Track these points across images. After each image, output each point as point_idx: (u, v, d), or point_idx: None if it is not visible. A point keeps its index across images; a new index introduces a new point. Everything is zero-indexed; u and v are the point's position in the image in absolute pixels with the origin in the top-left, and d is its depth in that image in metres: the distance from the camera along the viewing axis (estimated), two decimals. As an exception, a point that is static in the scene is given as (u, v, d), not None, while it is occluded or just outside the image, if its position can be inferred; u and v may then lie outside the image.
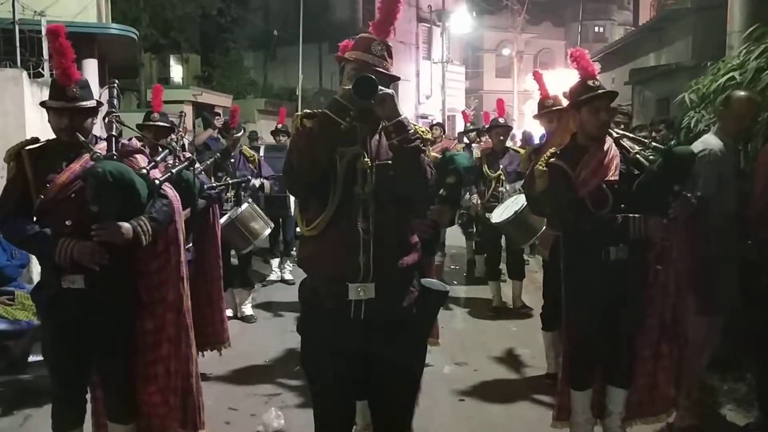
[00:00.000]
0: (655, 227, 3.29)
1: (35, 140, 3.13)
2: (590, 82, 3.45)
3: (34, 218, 3.03)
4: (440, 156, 3.36)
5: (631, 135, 3.64)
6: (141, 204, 2.97)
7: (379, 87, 2.31)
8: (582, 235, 3.53)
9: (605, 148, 3.44)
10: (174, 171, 3.44)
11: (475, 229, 8.68)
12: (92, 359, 3.14)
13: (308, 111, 2.53)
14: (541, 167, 3.62)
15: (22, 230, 3.00)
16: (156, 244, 3.20)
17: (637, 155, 3.45)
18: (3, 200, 3.08)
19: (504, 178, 6.89)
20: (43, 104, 3.08)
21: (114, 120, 3.17)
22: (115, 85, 3.50)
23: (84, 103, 3.02)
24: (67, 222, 2.94)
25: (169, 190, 3.23)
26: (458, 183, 3.35)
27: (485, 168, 7.01)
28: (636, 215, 3.31)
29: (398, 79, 2.58)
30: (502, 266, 7.25)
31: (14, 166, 3.04)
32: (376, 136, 2.54)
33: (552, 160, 3.55)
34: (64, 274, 2.96)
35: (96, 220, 2.87)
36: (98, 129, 3.42)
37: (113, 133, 3.10)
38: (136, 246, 2.99)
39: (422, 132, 2.59)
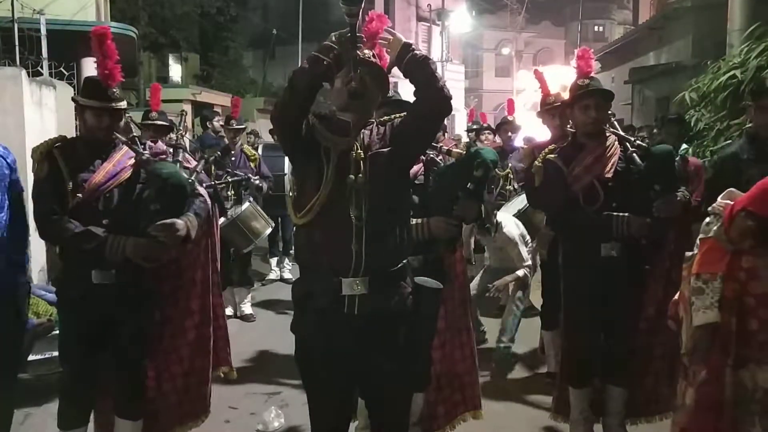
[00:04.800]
0: (636, 227, 3.33)
1: (62, 138, 3.19)
2: (581, 81, 3.51)
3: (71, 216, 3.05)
4: (464, 151, 3.36)
5: (621, 133, 3.64)
6: (185, 202, 3.17)
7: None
8: (575, 231, 3.56)
9: (606, 145, 3.46)
10: (198, 169, 3.67)
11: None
12: (108, 355, 3.19)
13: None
14: (538, 163, 3.65)
15: (67, 228, 2.97)
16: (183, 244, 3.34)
17: (633, 154, 3.47)
18: (41, 200, 3.06)
19: (512, 177, 6.84)
20: (77, 102, 3.12)
21: (130, 121, 3.32)
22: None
23: (122, 104, 3.13)
24: (104, 221, 3.00)
25: (200, 188, 3.43)
26: (485, 176, 3.30)
27: None
28: (620, 214, 3.35)
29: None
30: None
31: (46, 165, 3.03)
32: (366, 131, 2.56)
33: (548, 156, 3.60)
34: (96, 269, 3.02)
35: (147, 219, 3.02)
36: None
37: (133, 134, 3.29)
38: (186, 241, 3.16)
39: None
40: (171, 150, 4.00)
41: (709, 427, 2.22)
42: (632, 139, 3.57)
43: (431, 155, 3.38)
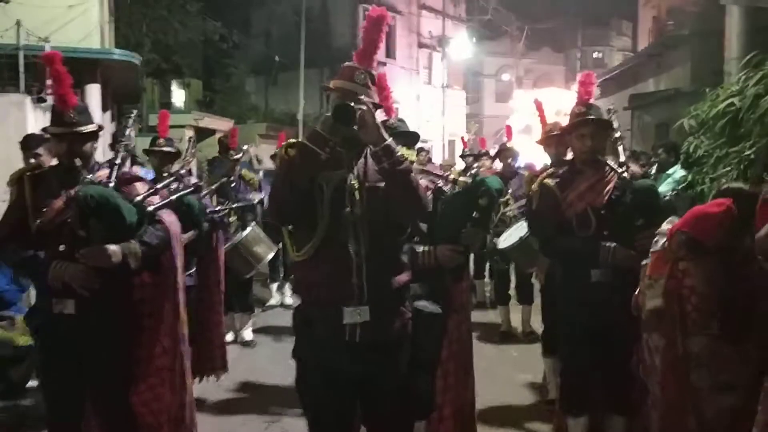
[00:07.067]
0: (622, 257, 3.36)
1: (38, 166, 3.18)
2: (577, 109, 3.52)
3: (33, 242, 3.04)
4: (470, 180, 3.38)
5: (611, 164, 3.64)
6: (128, 228, 2.96)
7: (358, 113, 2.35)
8: (567, 257, 3.56)
9: (602, 173, 3.48)
10: (174, 197, 3.44)
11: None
12: (85, 386, 3.11)
13: (292, 141, 2.55)
14: (535, 187, 3.69)
15: (16, 253, 3.05)
16: (150, 271, 3.21)
17: (626, 182, 3.49)
18: (1, 224, 3.12)
19: (511, 203, 6.84)
20: (44, 130, 3.12)
21: (120, 148, 3.21)
22: (131, 115, 3.59)
23: (81, 128, 3.05)
24: (60, 247, 2.95)
25: (166, 216, 3.22)
26: (491, 205, 3.35)
27: None
28: (608, 243, 3.37)
29: (381, 106, 2.63)
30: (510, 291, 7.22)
31: (15, 190, 3.09)
32: (362, 160, 2.56)
33: (545, 180, 3.63)
34: (56, 298, 2.96)
35: (87, 245, 2.89)
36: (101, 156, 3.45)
37: (116, 161, 3.13)
38: (125, 269, 2.97)
39: (408, 155, 2.65)
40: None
41: (681, 376, 2.94)
42: (620, 171, 3.56)
43: (439, 184, 3.40)
